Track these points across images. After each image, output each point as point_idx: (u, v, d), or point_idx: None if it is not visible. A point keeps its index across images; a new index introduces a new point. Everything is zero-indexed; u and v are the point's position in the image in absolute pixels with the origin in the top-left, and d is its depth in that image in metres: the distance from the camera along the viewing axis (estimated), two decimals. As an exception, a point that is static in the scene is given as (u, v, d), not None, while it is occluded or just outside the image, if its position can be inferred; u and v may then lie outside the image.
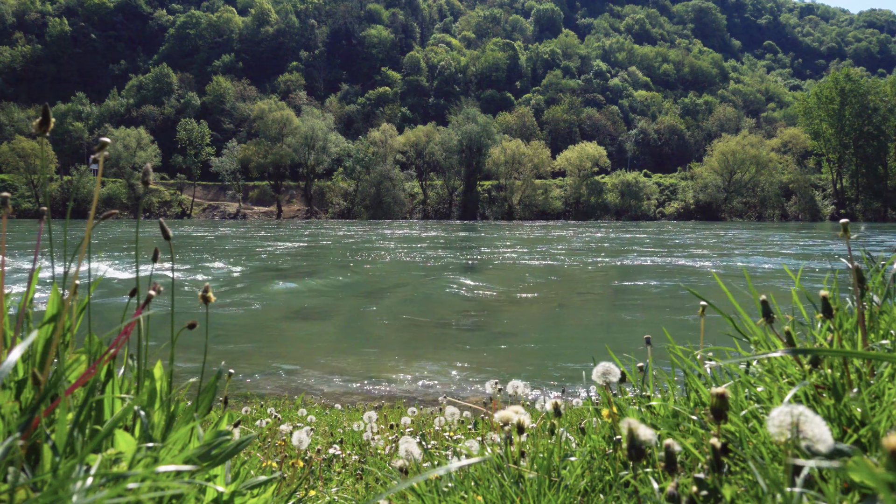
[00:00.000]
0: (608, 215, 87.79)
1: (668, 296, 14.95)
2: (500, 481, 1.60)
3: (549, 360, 9.02)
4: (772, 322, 1.54)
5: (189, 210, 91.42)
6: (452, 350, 9.82)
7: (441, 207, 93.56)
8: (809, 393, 1.28)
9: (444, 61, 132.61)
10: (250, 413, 5.01)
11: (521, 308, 13.96)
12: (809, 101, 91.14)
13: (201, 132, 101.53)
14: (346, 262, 23.73)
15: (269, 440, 3.55)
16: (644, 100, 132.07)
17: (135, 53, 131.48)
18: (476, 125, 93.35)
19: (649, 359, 1.87)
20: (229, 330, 11.33)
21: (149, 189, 1.12)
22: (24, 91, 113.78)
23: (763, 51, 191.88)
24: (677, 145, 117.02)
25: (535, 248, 31.66)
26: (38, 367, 1.13)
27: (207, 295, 1.33)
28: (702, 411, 1.48)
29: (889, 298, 1.60)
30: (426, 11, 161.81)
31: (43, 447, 0.98)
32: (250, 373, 8.35)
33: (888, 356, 0.97)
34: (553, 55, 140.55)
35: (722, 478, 1.03)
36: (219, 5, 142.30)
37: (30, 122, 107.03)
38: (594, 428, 1.81)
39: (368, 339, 10.91)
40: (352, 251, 29.31)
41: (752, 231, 49.36)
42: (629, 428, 1.03)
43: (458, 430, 3.59)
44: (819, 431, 0.81)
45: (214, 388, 1.37)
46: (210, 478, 1.22)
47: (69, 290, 1.15)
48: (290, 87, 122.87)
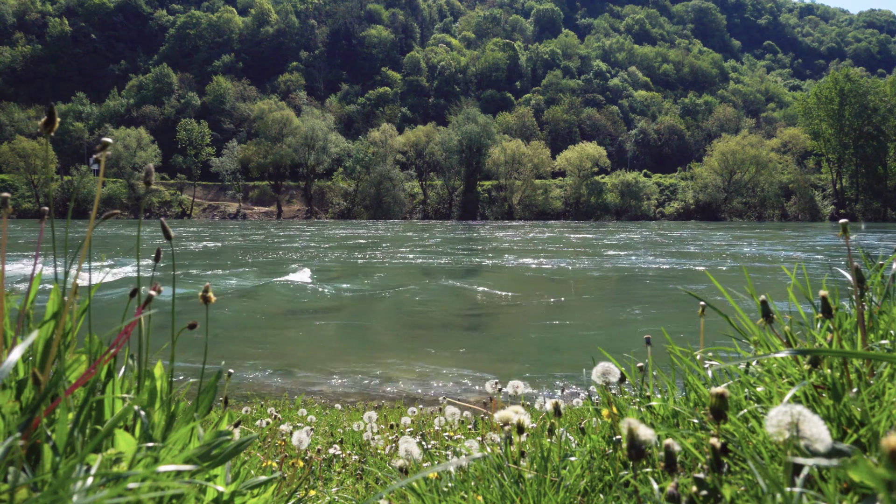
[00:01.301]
0: (608, 215, 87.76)
1: (669, 296, 14.95)
2: (500, 481, 1.60)
3: (549, 360, 9.02)
4: (771, 322, 1.54)
5: (189, 210, 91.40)
6: (452, 350, 9.82)
7: (441, 207, 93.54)
8: (809, 393, 1.28)
9: (444, 61, 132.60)
10: (250, 413, 5.02)
11: (521, 308, 13.96)
12: (809, 102, 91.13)
13: (201, 132, 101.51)
14: (346, 263, 23.74)
15: (269, 440, 3.55)
16: (644, 100, 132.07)
17: (135, 53, 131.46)
18: (476, 125, 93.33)
19: (649, 359, 1.87)
20: (229, 330, 11.33)
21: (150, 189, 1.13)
22: (24, 91, 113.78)
23: (763, 51, 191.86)
24: (677, 145, 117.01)
25: (534, 248, 31.66)
26: (38, 367, 1.13)
27: (207, 295, 1.33)
28: (701, 411, 1.48)
29: (888, 298, 1.60)
30: (426, 11, 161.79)
31: (43, 447, 0.99)
32: (250, 373, 8.36)
33: (888, 356, 0.98)
34: (553, 55, 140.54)
35: (722, 478, 1.03)
36: (219, 5, 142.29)
37: (30, 122, 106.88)
38: (594, 428, 1.81)
39: (368, 339, 10.91)
40: (352, 251, 29.31)
41: (752, 231, 49.36)
42: (629, 428, 1.03)
43: (458, 430, 3.59)
44: (818, 431, 0.81)
45: (215, 388, 1.37)
46: (210, 478, 1.23)
47: (70, 290, 1.15)
48: (290, 88, 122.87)
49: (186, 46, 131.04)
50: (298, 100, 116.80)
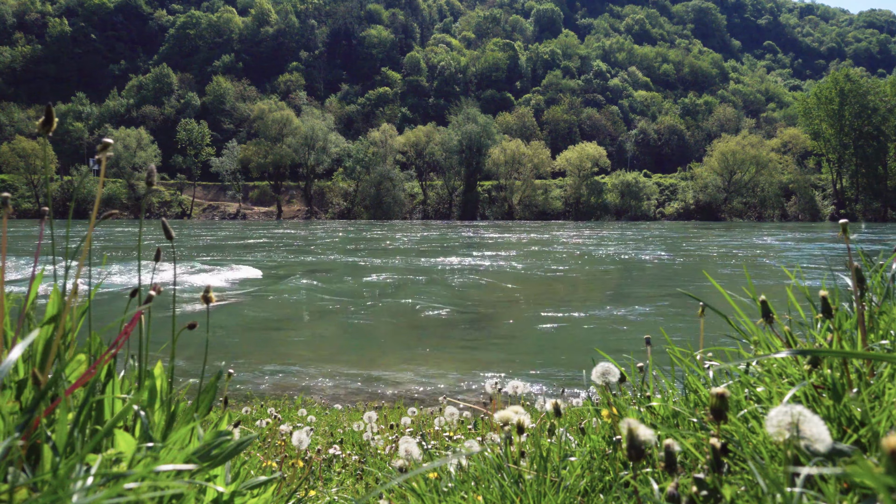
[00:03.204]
0: (608, 215, 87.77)
1: (669, 296, 14.95)
2: (500, 481, 1.60)
3: (548, 360, 9.02)
4: (771, 322, 1.54)
5: (189, 210, 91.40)
6: (452, 350, 9.82)
7: (441, 207, 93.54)
8: (809, 393, 1.28)
9: (444, 61, 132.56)
10: (250, 413, 5.02)
11: (521, 308, 13.96)
12: (809, 102, 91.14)
13: (201, 132, 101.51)
14: (347, 263, 23.74)
15: (269, 440, 3.55)
16: (644, 100, 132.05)
17: (135, 53, 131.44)
18: (476, 125, 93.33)
19: (649, 359, 1.87)
20: (229, 330, 11.34)
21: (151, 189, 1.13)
22: (24, 91, 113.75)
23: (763, 51, 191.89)
24: (677, 145, 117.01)
25: (534, 248, 31.67)
26: (38, 367, 1.13)
27: (208, 295, 1.33)
28: (702, 411, 1.48)
29: (888, 298, 1.60)
30: (426, 11, 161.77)
31: (43, 447, 0.98)
32: (250, 373, 8.36)
33: (888, 356, 0.97)
34: (553, 55, 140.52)
35: (722, 478, 1.03)
36: (219, 5, 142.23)
37: (30, 122, 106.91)
38: (594, 428, 1.81)
39: (368, 339, 10.91)
40: (352, 251, 29.31)
41: (752, 231, 49.36)
42: (629, 428, 1.03)
43: (458, 430, 3.59)
44: (818, 431, 0.81)
45: (215, 388, 1.37)
46: (210, 478, 1.23)
47: (70, 290, 1.15)
48: (290, 88, 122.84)
49: (186, 46, 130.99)
50: (298, 100, 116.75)
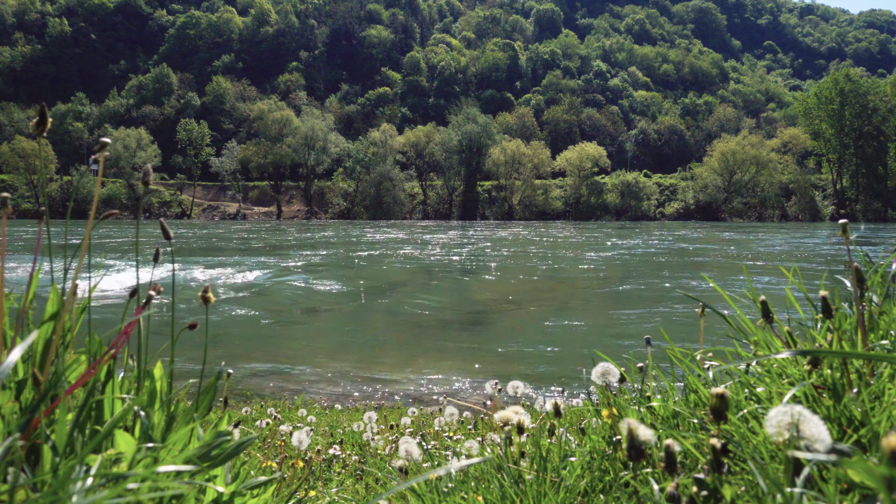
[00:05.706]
0: (608, 216, 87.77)
1: (669, 296, 14.94)
2: (500, 482, 1.60)
3: (548, 360, 9.02)
4: (771, 322, 1.54)
5: (189, 210, 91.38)
6: (452, 350, 9.82)
7: (441, 208, 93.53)
8: (809, 393, 1.28)
9: (444, 61, 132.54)
10: (250, 413, 5.02)
11: (521, 308, 13.96)
12: (809, 102, 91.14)
13: (201, 132, 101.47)
14: (347, 263, 23.73)
15: (269, 440, 3.55)
16: (644, 100, 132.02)
17: (135, 53, 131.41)
18: (476, 125, 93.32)
19: (649, 359, 1.87)
20: (229, 330, 11.33)
21: (149, 189, 1.13)
22: (24, 91, 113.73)
23: (763, 51, 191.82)
24: (677, 145, 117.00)
25: (534, 248, 31.66)
26: (38, 367, 1.13)
27: (207, 295, 1.33)
28: (702, 412, 1.48)
29: (888, 299, 1.60)
30: (426, 12, 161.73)
31: (43, 447, 0.98)
32: (250, 373, 8.35)
33: (888, 356, 0.97)
34: (553, 55, 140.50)
35: (722, 478, 1.03)
36: (219, 5, 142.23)
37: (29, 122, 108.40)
38: (594, 428, 1.81)
39: (368, 339, 10.91)
40: (352, 252, 29.31)
41: (752, 231, 49.35)
42: (629, 428, 1.03)
43: (458, 430, 3.59)
44: (817, 431, 0.81)
45: (214, 389, 1.37)
46: (210, 478, 1.22)
47: (69, 290, 1.15)
48: (290, 88, 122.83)
49: (186, 46, 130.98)
50: (298, 100, 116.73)
